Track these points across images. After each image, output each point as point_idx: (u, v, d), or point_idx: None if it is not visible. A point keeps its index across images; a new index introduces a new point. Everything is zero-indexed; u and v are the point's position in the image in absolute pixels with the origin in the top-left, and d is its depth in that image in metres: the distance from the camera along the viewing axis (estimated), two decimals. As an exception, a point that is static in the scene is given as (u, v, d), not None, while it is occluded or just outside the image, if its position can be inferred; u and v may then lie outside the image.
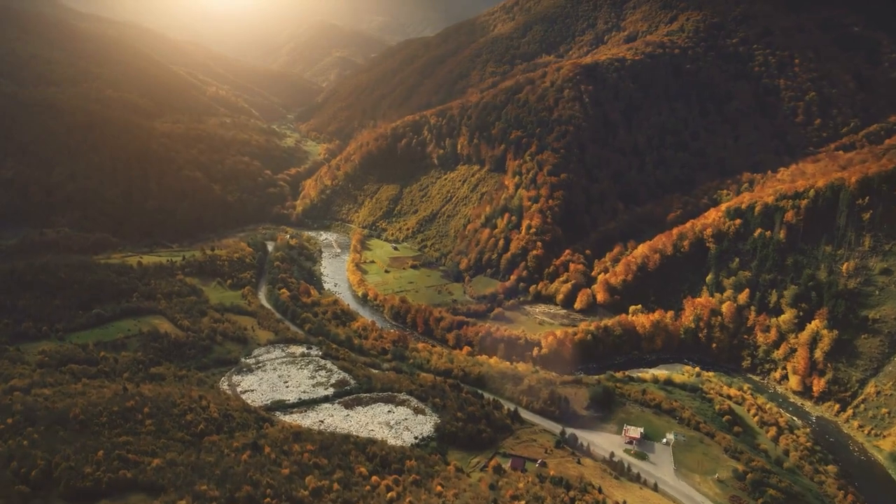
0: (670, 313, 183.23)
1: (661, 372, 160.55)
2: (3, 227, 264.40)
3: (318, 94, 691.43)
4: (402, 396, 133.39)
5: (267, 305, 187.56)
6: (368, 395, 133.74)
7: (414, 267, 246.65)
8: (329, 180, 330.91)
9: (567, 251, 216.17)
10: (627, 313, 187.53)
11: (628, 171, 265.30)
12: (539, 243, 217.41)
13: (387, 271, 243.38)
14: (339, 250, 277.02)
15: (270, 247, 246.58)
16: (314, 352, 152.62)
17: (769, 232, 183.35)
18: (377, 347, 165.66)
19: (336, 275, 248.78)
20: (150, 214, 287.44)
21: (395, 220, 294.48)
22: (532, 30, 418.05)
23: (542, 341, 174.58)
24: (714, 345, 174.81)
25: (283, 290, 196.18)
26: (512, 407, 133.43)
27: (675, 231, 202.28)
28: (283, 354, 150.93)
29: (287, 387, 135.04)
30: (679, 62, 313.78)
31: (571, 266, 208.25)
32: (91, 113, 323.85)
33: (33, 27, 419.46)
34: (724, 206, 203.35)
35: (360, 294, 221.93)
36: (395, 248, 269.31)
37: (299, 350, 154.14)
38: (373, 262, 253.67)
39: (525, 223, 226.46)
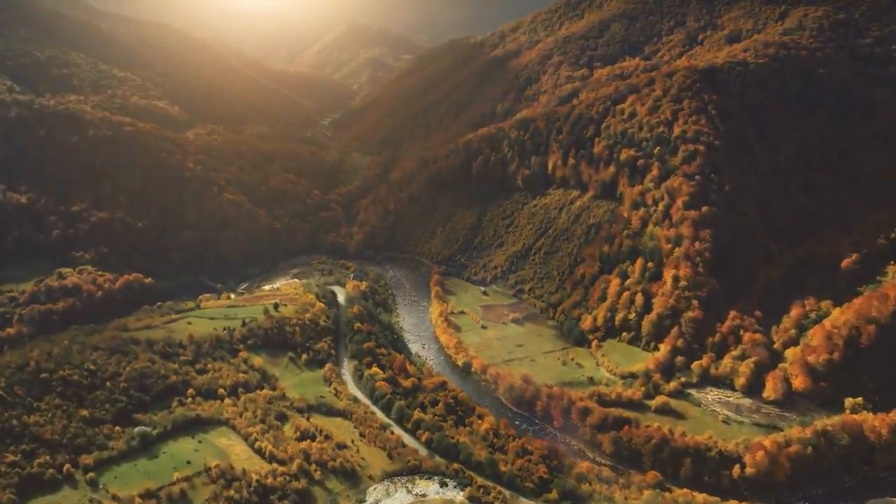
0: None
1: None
2: (15, 264, 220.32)
3: (351, 97, 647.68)
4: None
5: (359, 395, 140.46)
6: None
7: (516, 321, 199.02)
8: (392, 203, 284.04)
9: (732, 312, 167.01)
10: (842, 408, 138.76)
11: (772, 200, 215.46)
12: (695, 302, 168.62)
13: (484, 327, 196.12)
14: (414, 295, 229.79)
15: (340, 295, 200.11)
16: (457, 497, 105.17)
17: None
18: (527, 472, 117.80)
19: (419, 330, 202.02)
20: (188, 247, 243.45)
21: (477, 254, 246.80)
22: (610, 28, 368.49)
23: (744, 455, 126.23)
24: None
25: (375, 368, 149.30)
26: None
27: (892, 293, 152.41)
28: (412, 500, 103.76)
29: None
30: (809, 66, 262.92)
31: (745, 335, 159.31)
32: (117, 125, 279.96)
33: (50, 26, 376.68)
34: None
35: (459, 363, 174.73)
36: (485, 293, 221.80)
37: (432, 488, 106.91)
38: (462, 312, 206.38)
39: (669, 273, 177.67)
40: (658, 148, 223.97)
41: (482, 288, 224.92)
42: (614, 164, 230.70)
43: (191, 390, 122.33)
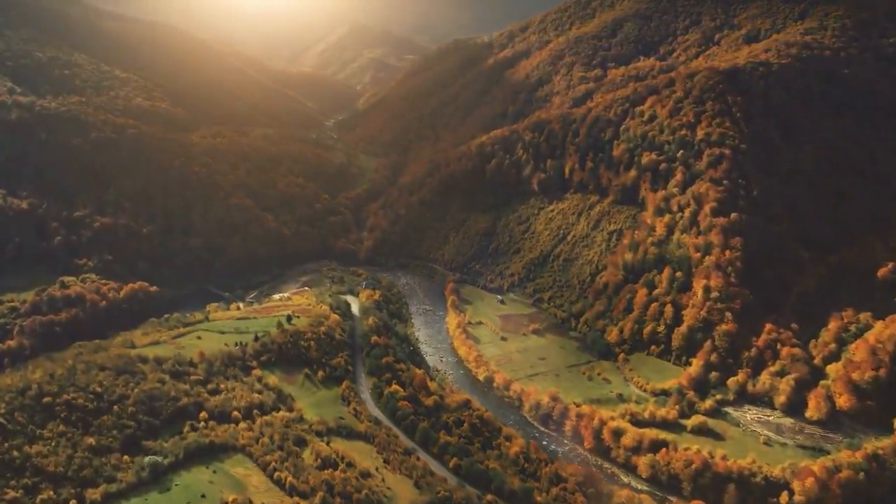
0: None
1: None
2: (15, 271, 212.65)
3: (354, 98, 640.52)
4: None
5: (380, 416, 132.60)
6: None
7: (537, 332, 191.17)
8: (403, 208, 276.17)
9: (768, 325, 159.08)
10: (891, 429, 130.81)
11: (800, 205, 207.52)
12: (728, 314, 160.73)
13: (503, 338, 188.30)
14: (428, 303, 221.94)
15: (354, 305, 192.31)
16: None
17: None
18: (564, 503, 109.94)
19: (436, 341, 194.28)
20: (195, 253, 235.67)
21: (493, 261, 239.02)
22: (623, 28, 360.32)
23: (792, 482, 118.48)
24: None
25: (395, 385, 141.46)
26: None
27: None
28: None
29: None
30: (833, 66, 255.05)
31: (782, 350, 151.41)
32: (120, 127, 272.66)
33: (52, 26, 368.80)
34: None
35: (481, 378, 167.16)
36: (502, 302, 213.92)
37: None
38: (480, 322, 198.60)
39: (699, 283, 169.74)
40: (681, 151, 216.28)
41: (499, 297, 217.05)
42: (635, 168, 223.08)
43: (203, 413, 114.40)
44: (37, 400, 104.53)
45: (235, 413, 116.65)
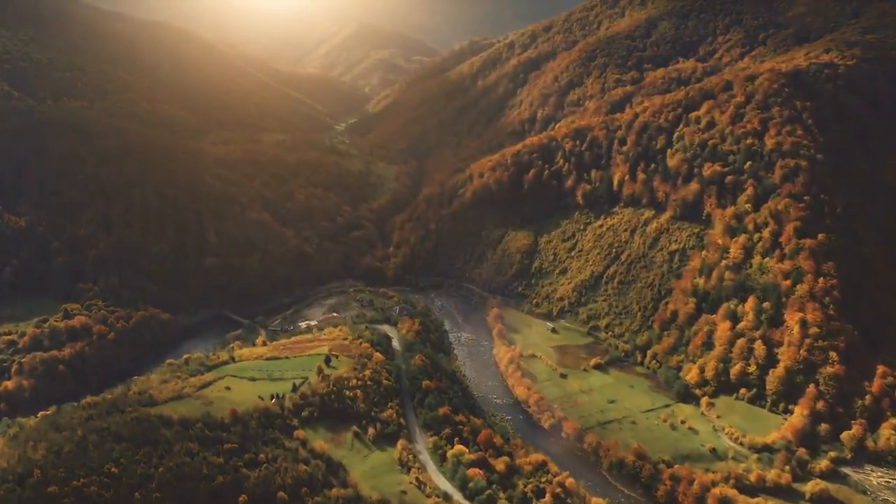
0: None
1: None
2: (13, 298, 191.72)
3: (363, 100, 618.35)
4: None
5: (448, 487, 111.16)
6: None
7: (599, 368, 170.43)
8: (432, 222, 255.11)
9: (880, 367, 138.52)
10: None
11: (886, 224, 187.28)
12: (832, 353, 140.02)
13: (563, 376, 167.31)
14: (470, 330, 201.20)
15: (393, 337, 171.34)
16: None
17: None
18: None
19: (485, 376, 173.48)
20: (210, 274, 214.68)
21: (537, 282, 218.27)
22: (657, 27, 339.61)
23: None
24: None
25: (459, 445, 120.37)
26: None
27: None
28: None
29: None
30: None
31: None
32: (127, 134, 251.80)
33: (51, 25, 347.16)
34: None
35: (545, 425, 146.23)
36: (554, 331, 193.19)
37: None
38: (533, 355, 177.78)
39: (793, 316, 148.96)
40: (749, 163, 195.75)
41: (549, 324, 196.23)
42: (697, 180, 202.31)
43: (243, 496, 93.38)
44: (39, 491, 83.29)
45: (281, 494, 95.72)
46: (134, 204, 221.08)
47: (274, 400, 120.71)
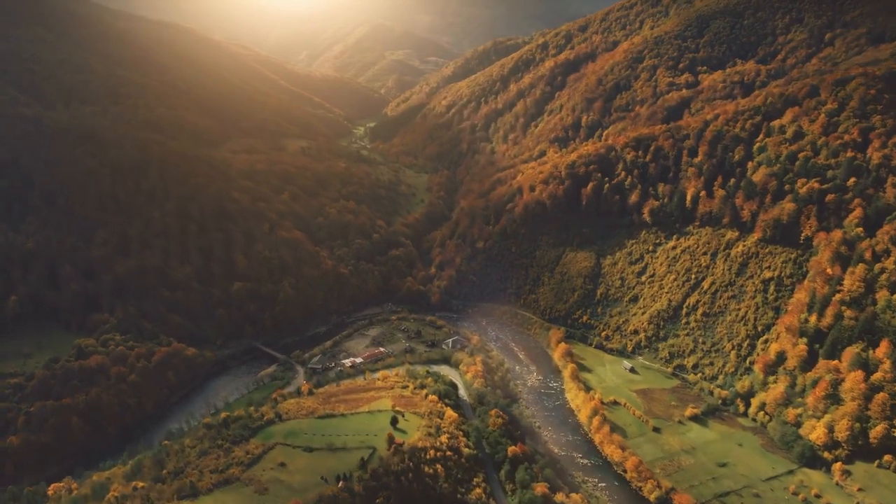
0: None
1: None
2: (20, 331, 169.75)
3: (380, 103, 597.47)
4: None
5: None
6: None
7: (696, 419, 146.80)
8: (479, 240, 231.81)
9: None
10: None
11: None
12: None
13: (655, 429, 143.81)
14: (532, 367, 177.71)
15: (458, 383, 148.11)
16: None
17: None
18: None
19: (563, 428, 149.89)
20: (238, 302, 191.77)
21: (604, 311, 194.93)
22: (710, 27, 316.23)
23: None
24: None
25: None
26: None
27: None
28: None
29: None
30: None
31: None
32: (144, 144, 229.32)
33: (60, 25, 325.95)
34: None
35: (651, 498, 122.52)
36: (632, 370, 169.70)
37: None
38: (615, 402, 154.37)
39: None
40: (854, 179, 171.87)
41: (626, 362, 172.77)
42: (791, 198, 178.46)
43: None
44: None
45: None
46: (154, 222, 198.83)
47: (341, 483, 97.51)
